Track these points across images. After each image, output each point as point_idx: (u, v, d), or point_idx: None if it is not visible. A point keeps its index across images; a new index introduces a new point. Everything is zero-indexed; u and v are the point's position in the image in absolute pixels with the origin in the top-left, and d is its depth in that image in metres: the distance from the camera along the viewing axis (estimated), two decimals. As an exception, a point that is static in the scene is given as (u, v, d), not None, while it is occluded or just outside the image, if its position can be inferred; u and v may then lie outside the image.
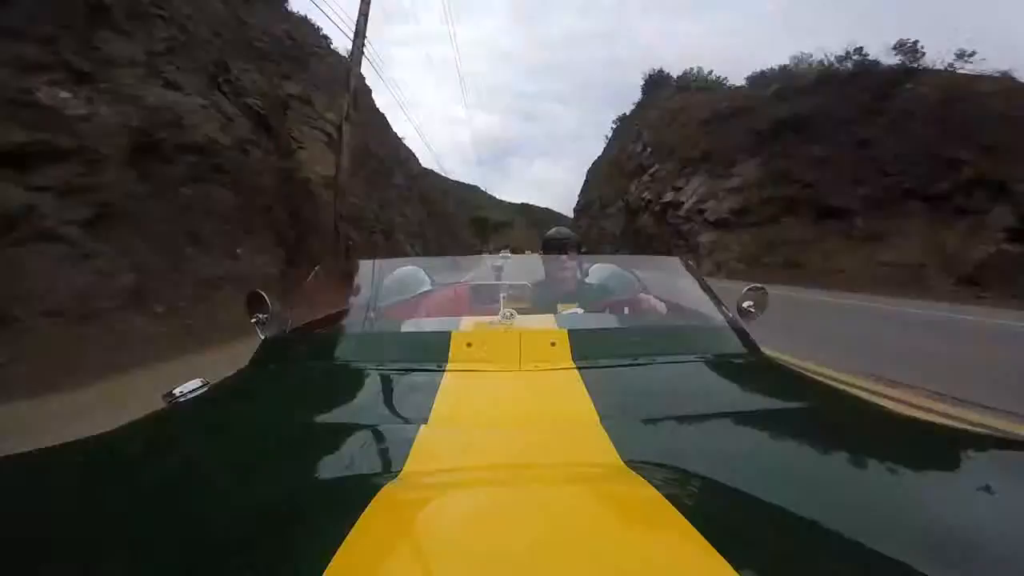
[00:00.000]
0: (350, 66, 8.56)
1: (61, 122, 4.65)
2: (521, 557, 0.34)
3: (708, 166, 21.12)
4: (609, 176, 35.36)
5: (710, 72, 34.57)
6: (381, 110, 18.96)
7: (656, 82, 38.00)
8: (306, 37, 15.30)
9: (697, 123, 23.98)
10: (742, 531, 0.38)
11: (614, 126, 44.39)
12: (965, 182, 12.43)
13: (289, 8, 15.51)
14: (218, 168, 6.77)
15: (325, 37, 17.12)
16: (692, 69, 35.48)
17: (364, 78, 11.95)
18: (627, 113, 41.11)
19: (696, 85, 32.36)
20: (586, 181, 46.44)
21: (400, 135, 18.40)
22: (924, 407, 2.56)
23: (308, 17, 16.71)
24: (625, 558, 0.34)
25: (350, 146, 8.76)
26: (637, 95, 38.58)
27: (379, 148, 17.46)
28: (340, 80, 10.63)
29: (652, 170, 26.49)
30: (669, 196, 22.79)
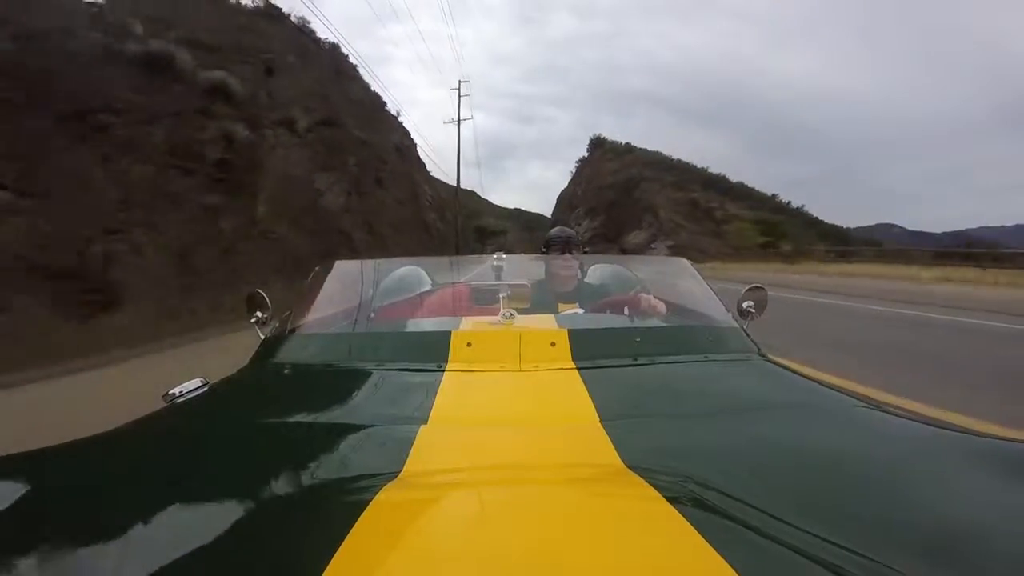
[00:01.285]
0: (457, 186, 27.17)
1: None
2: (521, 558, 0.34)
3: (592, 214, 41.67)
4: (566, 206, 55.18)
5: (625, 143, 55.27)
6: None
7: (597, 143, 58.44)
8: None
9: (598, 187, 44.09)
10: (742, 532, 0.38)
11: (577, 164, 64.51)
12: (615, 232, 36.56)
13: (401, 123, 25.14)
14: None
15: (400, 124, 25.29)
16: (617, 141, 56.24)
17: (412, 136, 24.94)
18: (584, 156, 61.46)
19: (612, 153, 52.71)
20: (556, 204, 66.10)
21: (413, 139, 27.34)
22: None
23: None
24: (625, 559, 0.34)
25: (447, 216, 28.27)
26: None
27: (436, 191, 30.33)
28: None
29: (577, 210, 46.57)
30: (576, 229, 43.80)
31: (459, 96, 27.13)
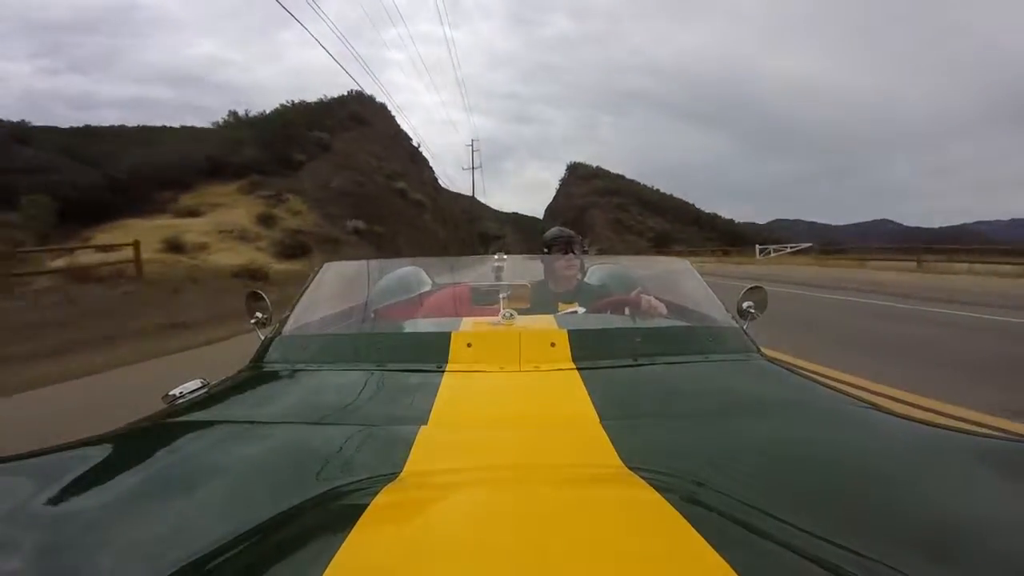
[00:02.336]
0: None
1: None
2: (521, 558, 0.34)
3: (563, 226, 60.86)
4: (551, 216, 71.00)
5: (596, 167, 74.41)
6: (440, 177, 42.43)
7: (572, 168, 77.07)
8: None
9: (570, 205, 62.50)
10: (742, 532, 0.38)
11: (560, 182, 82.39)
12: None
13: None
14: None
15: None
16: (589, 164, 75.50)
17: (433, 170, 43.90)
18: (564, 177, 79.84)
19: (583, 177, 71.21)
20: (544, 214, 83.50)
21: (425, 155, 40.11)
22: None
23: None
24: (625, 559, 0.34)
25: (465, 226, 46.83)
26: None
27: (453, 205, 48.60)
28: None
29: (557, 220, 64.68)
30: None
31: (472, 154, 42.82)
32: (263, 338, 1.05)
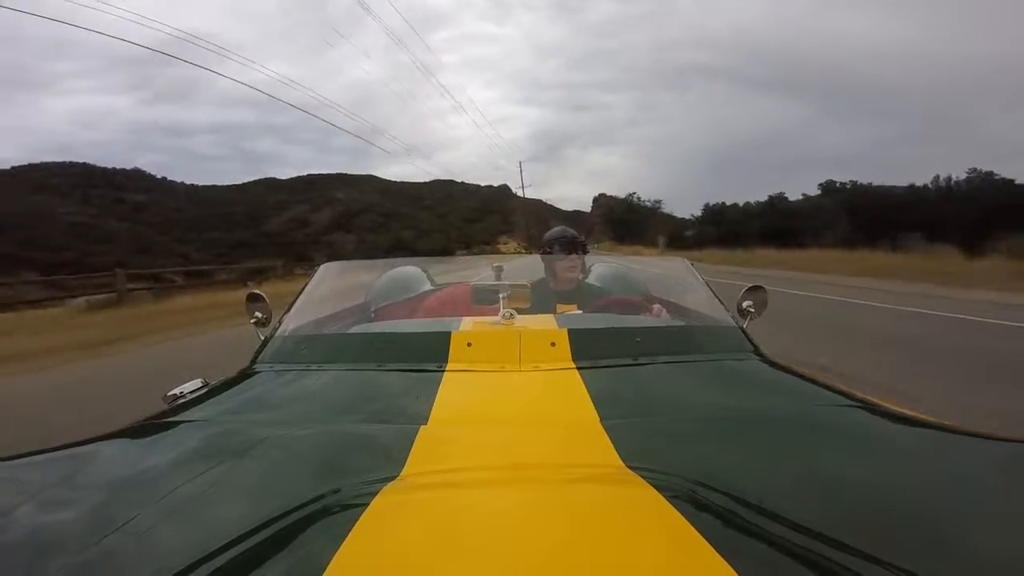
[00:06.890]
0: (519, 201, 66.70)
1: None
2: (521, 558, 0.34)
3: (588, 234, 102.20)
4: (586, 225, 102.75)
5: (611, 195, 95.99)
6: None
7: (597, 199, 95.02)
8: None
9: (593, 222, 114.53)
10: (742, 532, 0.39)
11: (591, 208, 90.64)
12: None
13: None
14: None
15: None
16: (615, 195, 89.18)
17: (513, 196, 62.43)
18: (592, 206, 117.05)
19: (601, 203, 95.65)
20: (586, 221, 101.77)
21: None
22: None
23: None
24: (625, 559, 0.34)
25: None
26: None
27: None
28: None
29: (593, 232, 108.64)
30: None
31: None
32: (262, 338, 1.05)
